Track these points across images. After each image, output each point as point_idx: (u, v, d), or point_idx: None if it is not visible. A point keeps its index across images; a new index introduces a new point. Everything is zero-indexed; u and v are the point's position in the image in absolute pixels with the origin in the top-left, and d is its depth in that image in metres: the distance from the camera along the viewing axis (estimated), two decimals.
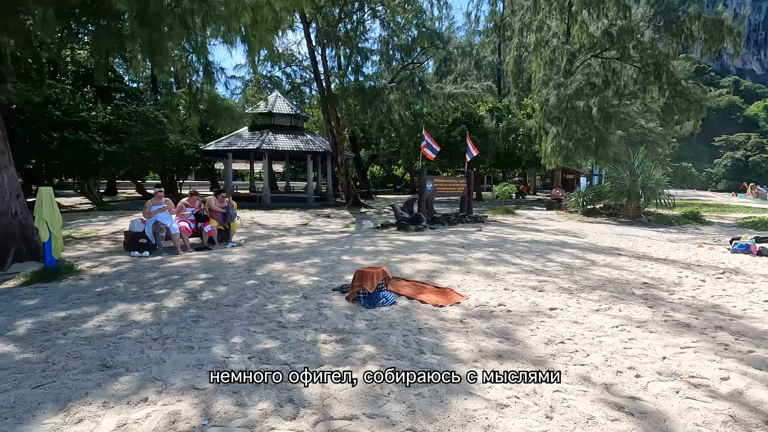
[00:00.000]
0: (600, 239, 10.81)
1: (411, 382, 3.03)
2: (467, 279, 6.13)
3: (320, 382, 3.02)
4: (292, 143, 22.03)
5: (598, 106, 16.21)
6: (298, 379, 3.04)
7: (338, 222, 14.24)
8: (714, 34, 14.51)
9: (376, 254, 7.93)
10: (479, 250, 8.53)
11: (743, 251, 8.80)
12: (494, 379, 3.11)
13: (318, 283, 5.77)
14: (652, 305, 5.03)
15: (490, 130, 22.14)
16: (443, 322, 4.32)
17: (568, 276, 6.43)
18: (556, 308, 4.85)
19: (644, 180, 14.73)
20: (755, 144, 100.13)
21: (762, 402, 2.85)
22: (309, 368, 3.22)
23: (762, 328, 4.32)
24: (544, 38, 18.48)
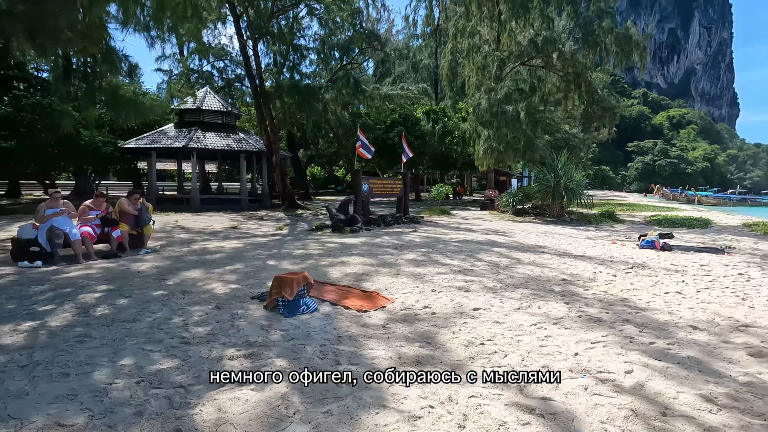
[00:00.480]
0: (526, 238, 11.30)
1: (321, 398, 2.80)
2: (396, 281, 6.01)
3: (216, 405, 2.68)
4: (223, 142, 20.87)
5: (526, 111, 17.08)
6: (191, 404, 2.68)
7: (271, 225, 13.63)
8: (624, 47, 15.94)
9: (305, 258, 7.60)
10: (411, 251, 8.51)
11: (649, 247, 9.60)
12: (410, 388, 2.97)
13: (236, 292, 5.35)
14: (568, 301, 5.22)
15: (427, 132, 22.55)
16: (365, 329, 4.14)
17: (494, 275, 6.55)
18: (480, 308, 4.86)
19: (566, 181, 15.73)
20: (661, 150, 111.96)
21: (660, 393, 2.97)
22: (206, 390, 2.87)
23: (662, 319, 4.62)
24: (476, 44, 19.14)
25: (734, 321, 4.59)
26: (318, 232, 11.77)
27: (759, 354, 3.70)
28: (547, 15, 17.93)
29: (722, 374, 3.30)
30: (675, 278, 6.66)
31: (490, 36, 19.71)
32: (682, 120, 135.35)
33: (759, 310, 5.03)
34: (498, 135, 16.32)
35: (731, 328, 4.37)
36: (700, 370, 3.37)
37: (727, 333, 4.24)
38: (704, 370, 3.37)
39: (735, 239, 11.92)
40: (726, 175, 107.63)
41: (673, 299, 5.46)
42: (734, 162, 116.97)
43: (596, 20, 16.51)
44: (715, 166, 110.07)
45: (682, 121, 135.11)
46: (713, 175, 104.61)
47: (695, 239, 11.82)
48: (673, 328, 4.34)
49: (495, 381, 3.12)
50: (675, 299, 5.46)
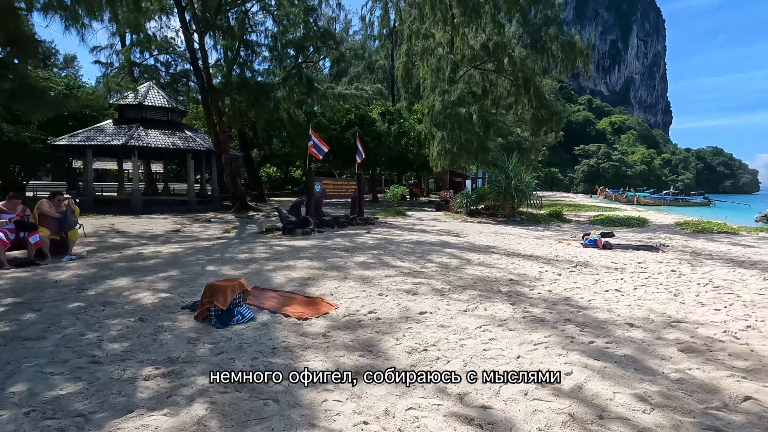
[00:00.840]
0: (478, 238, 11.43)
1: (243, 419, 2.53)
2: (342, 286, 5.79)
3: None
4: (167, 140, 19.73)
5: (478, 114, 17.40)
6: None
7: (218, 227, 12.98)
8: (569, 54, 16.66)
9: (248, 262, 7.20)
10: (362, 254, 8.31)
11: (592, 246, 9.98)
12: (345, 403, 2.76)
13: (166, 301, 4.91)
14: (514, 302, 5.23)
15: (383, 133, 22.50)
16: (304, 338, 3.88)
17: (443, 277, 6.49)
18: (426, 312, 4.74)
19: (517, 183, 16.17)
20: (604, 153, 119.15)
21: (597, 395, 2.95)
22: (111, 418, 2.51)
23: (602, 318, 4.70)
24: (431, 47, 19.28)
25: (667, 317, 4.76)
26: (268, 235, 11.31)
27: (689, 349, 3.82)
28: (498, 21, 18.39)
29: (656, 372, 3.35)
30: (615, 276, 6.90)
31: (444, 39, 19.93)
32: (622, 125, 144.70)
33: (689, 306, 5.26)
34: (451, 136, 16.51)
35: (664, 324, 4.51)
36: (635, 369, 3.40)
37: (661, 329, 4.37)
38: (639, 369, 3.41)
39: (669, 237, 12.69)
40: (661, 177, 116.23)
41: (612, 297, 5.62)
42: (668, 165, 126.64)
43: (543, 27, 17.13)
44: (652, 169, 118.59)
45: (623, 126, 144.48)
46: (650, 177, 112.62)
47: (634, 238, 12.47)
48: (611, 326, 4.41)
49: (435, 390, 2.98)
50: (614, 297, 5.62)
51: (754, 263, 8.32)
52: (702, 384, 3.15)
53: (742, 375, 3.30)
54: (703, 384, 3.15)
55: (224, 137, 17.91)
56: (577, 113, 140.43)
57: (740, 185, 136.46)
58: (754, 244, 11.37)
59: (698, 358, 3.63)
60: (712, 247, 10.58)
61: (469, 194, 18.86)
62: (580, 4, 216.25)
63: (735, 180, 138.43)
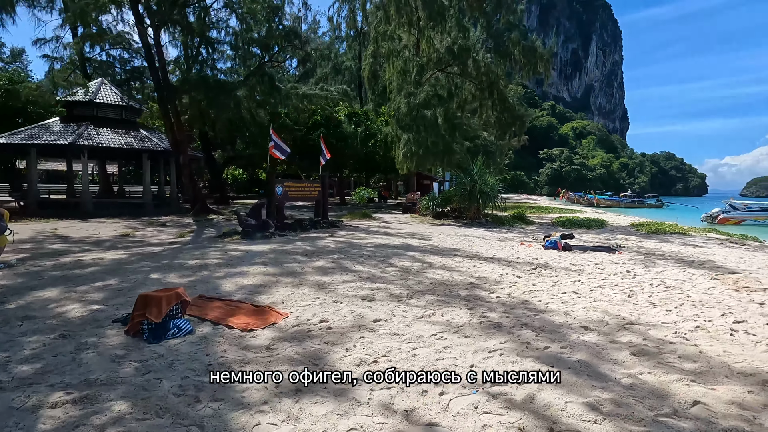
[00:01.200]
0: (442, 241, 11.38)
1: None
2: (296, 293, 5.50)
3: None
4: (121, 139, 18.69)
5: (444, 116, 17.47)
6: None
7: (173, 231, 12.33)
8: (531, 58, 17.03)
9: (198, 269, 6.78)
10: (322, 258, 8.03)
11: (552, 247, 10.11)
12: (280, 426, 2.51)
13: (96, 314, 4.48)
14: (472, 307, 5.11)
15: (349, 134, 22.23)
16: (245, 353, 3.59)
17: (402, 281, 6.31)
18: (381, 320, 4.54)
19: (481, 185, 16.30)
20: (566, 157, 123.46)
21: (549, 405, 2.83)
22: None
23: (558, 321, 4.65)
24: (397, 49, 19.24)
25: (621, 319, 4.77)
26: (225, 240, 10.81)
27: (641, 353, 3.79)
28: (463, 25, 18.56)
29: (608, 378, 3.28)
30: (572, 278, 6.95)
31: (410, 41, 19.94)
32: (583, 131, 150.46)
33: (642, 307, 5.31)
34: (417, 139, 16.48)
35: (618, 327, 4.51)
36: (588, 375, 3.32)
37: (615, 332, 4.36)
38: (592, 374, 3.33)
39: (625, 238, 13.09)
40: (619, 180, 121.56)
41: (569, 299, 5.61)
42: (626, 169, 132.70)
43: (506, 32, 17.43)
44: (611, 173, 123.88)
45: (584, 131, 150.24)
46: (609, 180, 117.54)
47: (592, 239, 12.78)
48: (567, 330, 4.36)
49: (381, 407, 2.77)
50: (571, 299, 5.62)
51: (702, 263, 8.64)
52: (653, 389, 3.10)
53: (691, 378, 3.28)
54: (653, 389, 3.10)
55: (183, 137, 17.13)
56: (541, 118, 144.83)
57: (690, 188, 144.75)
58: (702, 245, 11.88)
59: (650, 362, 3.60)
60: (664, 248, 10.96)
61: (436, 197, 18.89)
62: (543, 14, 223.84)
63: (686, 183, 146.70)
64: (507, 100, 17.75)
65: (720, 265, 8.36)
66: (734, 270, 7.85)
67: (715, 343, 4.08)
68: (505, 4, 17.18)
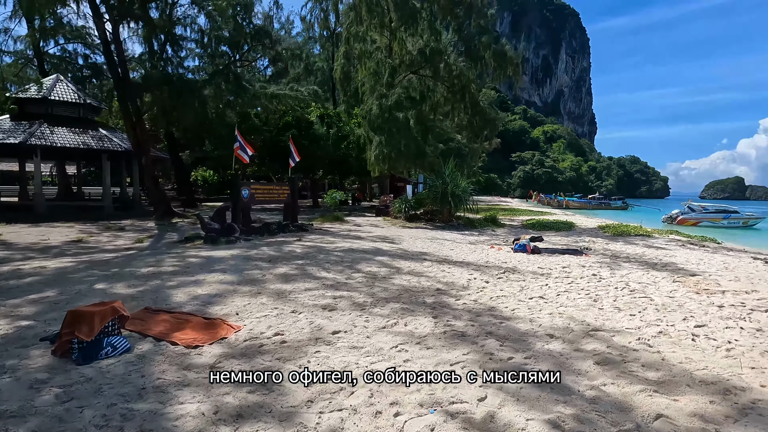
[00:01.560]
0: (413, 244, 11.23)
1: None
2: (253, 303, 5.19)
3: None
4: (78, 139, 17.75)
5: (416, 119, 17.40)
6: None
7: (131, 236, 11.70)
8: (501, 62, 17.20)
9: (150, 278, 6.35)
10: (286, 264, 7.72)
11: (521, 250, 10.12)
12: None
13: (23, 331, 4.05)
14: (437, 315, 4.94)
15: (322, 136, 21.87)
16: (185, 373, 3.28)
17: (367, 288, 6.09)
18: (341, 331, 4.30)
19: (453, 188, 16.29)
20: (538, 160, 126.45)
21: (510, 425, 2.66)
22: None
23: (523, 329, 4.53)
24: (369, 50, 19.06)
25: (586, 325, 4.70)
26: (187, 245, 10.32)
27: (605, 361, 3.70)
28: (435, 28, 18.56)
29: (572, 390, 3.15)
30: (540, 282, 6.90)
31: (383, 43, 19.80)
32: (554, 134, 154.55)
33: (607, 311, 5.28)
34: (390, 141, 16.32)
35: (583, 333, 4.43)
36: (551, 388, 3.19)
37: (580, 339, 4.27)
38: (556, 387, 3.20)
39: (592, 240, 13.32)
40: (588, 183, 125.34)
41: (536, 305, 5.52)
42: (594, 172, 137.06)
43: (477, 36, 17.55)
44: (580, 175, 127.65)
45: (554, 135, 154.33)
46: (579, 182, 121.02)
47: (561, 241, 12.93)
48: (532, 339, 4.24)
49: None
50: (537, 305, 5.53)
51: (665, 265, 8.81)
52: (616, 402, 2.99)
53: (654, 388, 3.20)
54: (617, 402, 2.99)
55: (145, 137, 16.38)
56: (514, 122, 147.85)
57: (654, 190, 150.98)
58: (665, 246, 12.20)
59: (613, 371, 3.51)
60: (629, 250, 11.17)
61: (408, 199, 18.79)
62: (515, 20, 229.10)
63: (650, 186, 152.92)
64: (479, 103, 17.85)
65: (682, 267, 8.54)
66: (695, 272, 8.02)
67: (677, 349, 4.04)
68: (476, 8, 17.28)
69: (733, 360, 3.81)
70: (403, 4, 17.37)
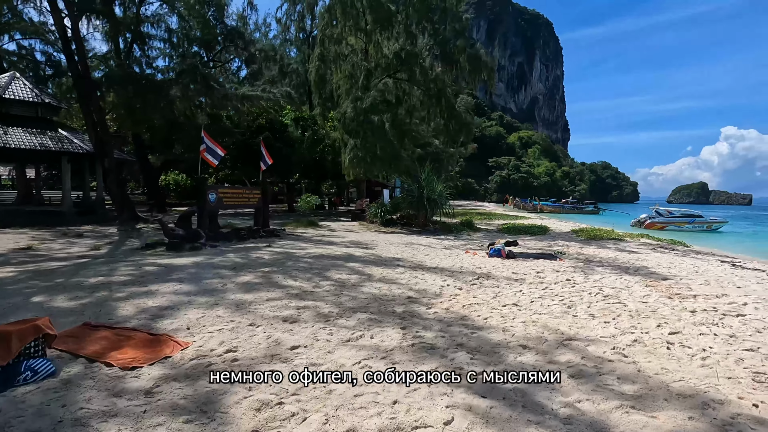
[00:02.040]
0: (387, 250, 10.95)
1: None
2: (208, 315, 4.79)
3: None
4: (34, 140, 16.73)
5: (391, 122, 17.20)
6: None
7: (88, 243, 11.00)
8: (475, 66, 17.23)
9: (96, 289, 5.83)
10: (251, 272, 7.31)
11: (496, 255, 9.98)
12: None
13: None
14: (406, 326, 4.65)
15: (296, 139, 21.41)
16: (115, 401, 2.88)
17: (334, 297, 5.76)
18: (300, 346, 3.96)
19: (429, 192, 16.14)
20: (514, 165, 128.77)
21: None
22: None
23: (496, 340, 4.30)
24: (344, 52, 18.79)
25: (560, 334, 4.51)
26: (147, 252, 9.73)
27: (579, 374, 3.50)
28: (411, 31, 18.45)
29: (545, 409, 2.92)
30: (514, 288, 6.72)
31: (358, 46, 19.57)
32: (529, 140, 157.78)
33: (581, 319, 5.12)
34: (364, 144, 16.04)
35: (557, 343, 4.23)
36: (524, 406, 2.95)
37: (554, 350, 4.06)
38: (528, 405, 2.96)
39: (566, 244, 13.36)
40: (562, 187, 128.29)
41: (509, 313, 5.32)
42: (568, 177, 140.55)
43: (452, 40, 17.54)
44: (554, 180, 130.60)
45: (530, 141, 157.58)
46: (553, 187, 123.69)
47: (536, 245, 12.90)
48: (504, 350, 4.01)
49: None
50: (511, 312, 5.33)
51: (638, 269, 8.81)
52: (592, 421, 2.77)
53: (631, 404, 3.00)
54: (593, 421, 2.77)
55: (107, 138, 15.58)
56: (491, 128, 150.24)
57: (625, 195, 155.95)
58: (636, 250, 12.32)
59: (588, 385, 3.30)
60: (602, 254, 11.21)
61: (384, 204, 18.53)
62: (491, 29, 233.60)
63: (620, 191, 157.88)
64: (455, 107, 17.80)
65: (653, 271, 8.55)
66: (666, 276, 8.03)
67: (652, 358, 3.88)
68: (451, 12, 17.25)
69: (709, 369, 3.67)
70: (379, 7, 17.19)
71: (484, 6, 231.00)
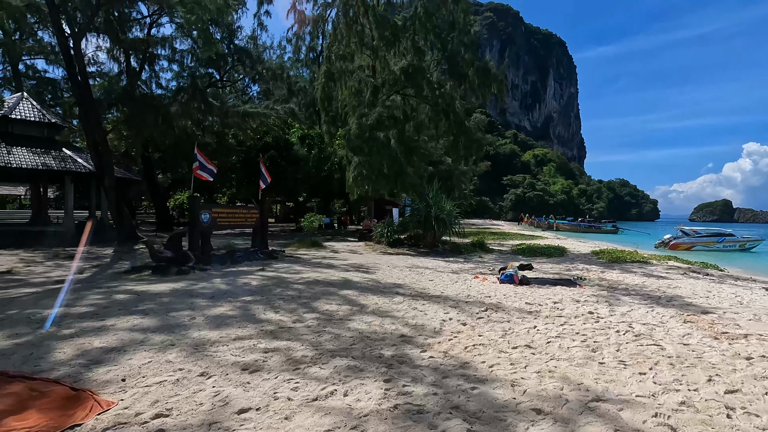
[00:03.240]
0: (389, 274, 10.10)
1: None
2: (156, 360, 4.02)
3: None
4: (37, 159, 16.64)
5: (398, 139, 16.57)
6: None
7: (75, 266, 10.46)
8: (484, 79, 16.58)
9: (43, 323, 5.14)
10: (230, 302, 6.55)
11: (509, 281, 9.04)
12: None
13: None
14: (392, 377, 3.79)
15: (302, 157, 20.95)
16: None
17: (315, 336, 4.94)
18: (251, 408, 3.13)
19: (437, 211, 15.30)
20: (529, 183, 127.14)
21: None
22: None
23: (502, 399, 3.40)
24: (350, 69, 18.39)
25: (585, 391, 3.58)
26: (132, 276, 9.11)
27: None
28: (418, 47, 17.98)
29: None
30: (527, 323, 5.79)
31: (364, 62, 19.19)
32: (544, 158, 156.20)
33: (609, 368, 4.17)
34: (369, 161, 15.39)
35: (581, 406, 3.31)
36: None
37: (576, 416, 3.15)
38: None
39: (586, 268, 12.29)
40: (579, 206, 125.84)
41: (520, 358, 4.41)
42: (585, 195, 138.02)
43: (461, 53, 16.99)
44: (571, 198, 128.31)
45: (545, 159, 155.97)
46: (569, 205, 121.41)
47: (552, 269, 11.89)
48: (512, 417, 3.11)
49: None
50: (523, 358, 4.42)
51: (670, 299, 7.76)
52: None
53: None
54: None
55: (107, 157, 15.30)
56: (505, 146, 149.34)
57: (644, 213, 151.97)
58: (665, 275, 11.20)
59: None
60: (627, 280, 10.14)
61: (391, 223, 17.75)
62: (503, 48, 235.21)
63: (640, 209, 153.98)
64: (464, 123, 17.10)
65: (690, 302, 7.49)
66: (706, 309, 6.97)
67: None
68: (459, 24, 16.74)
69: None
70: (385, 23, 16.81)
71: (496, 27, 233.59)
